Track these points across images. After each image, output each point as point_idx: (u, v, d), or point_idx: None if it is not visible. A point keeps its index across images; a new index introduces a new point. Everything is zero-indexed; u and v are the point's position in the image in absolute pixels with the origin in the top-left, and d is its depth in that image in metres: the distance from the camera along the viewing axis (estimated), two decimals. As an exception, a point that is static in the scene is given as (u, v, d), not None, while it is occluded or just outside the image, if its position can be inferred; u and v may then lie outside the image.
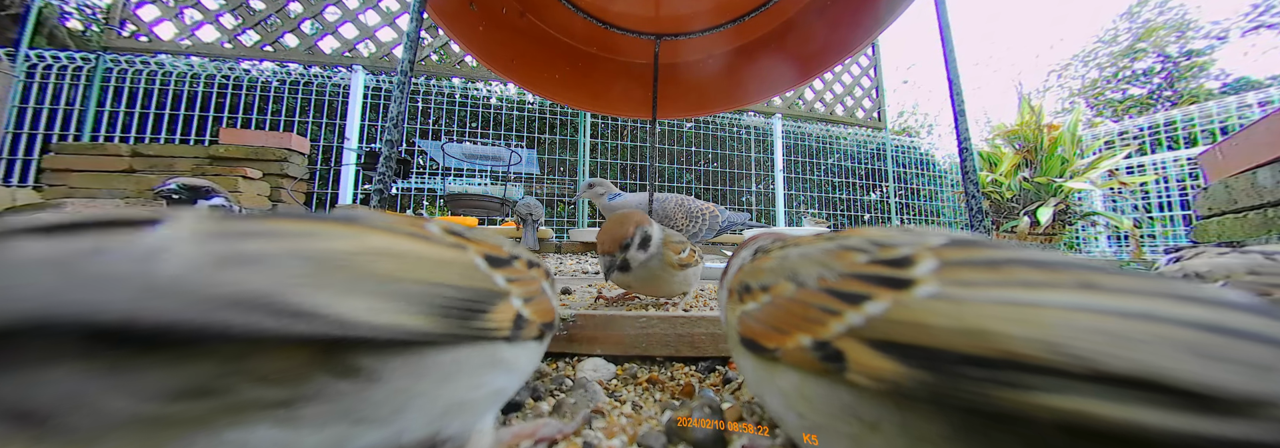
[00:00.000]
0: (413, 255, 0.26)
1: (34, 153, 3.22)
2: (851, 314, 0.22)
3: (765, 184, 4.81)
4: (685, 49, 1.78)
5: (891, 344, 0.20)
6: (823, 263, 0.27)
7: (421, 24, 1.01)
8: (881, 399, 0.20)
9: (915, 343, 0.19)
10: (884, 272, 0.23)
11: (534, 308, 0.33)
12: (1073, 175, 3.79)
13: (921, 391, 0.18)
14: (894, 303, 0.21)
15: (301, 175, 3.02)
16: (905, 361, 0.19)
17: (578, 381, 0.52)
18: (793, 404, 0.25)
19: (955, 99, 0.95)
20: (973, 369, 0.17)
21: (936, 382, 0.18)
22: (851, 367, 0.21)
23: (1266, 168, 1.39)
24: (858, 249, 0.26)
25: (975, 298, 0.19)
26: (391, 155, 0.96)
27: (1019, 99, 4.22)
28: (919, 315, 0.20)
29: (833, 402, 0.22)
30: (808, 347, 0.23)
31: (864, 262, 0.25)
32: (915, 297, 0.21)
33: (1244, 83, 7.41)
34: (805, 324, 0.24)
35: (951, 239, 0.25)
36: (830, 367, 0.22)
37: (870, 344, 0.21)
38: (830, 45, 1.51)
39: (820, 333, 0.23)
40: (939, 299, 0.20)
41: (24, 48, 3.31)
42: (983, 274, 0.20)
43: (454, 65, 4.05)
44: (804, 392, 0.24)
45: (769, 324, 0.28)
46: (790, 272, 0.29)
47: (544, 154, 4.10)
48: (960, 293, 0.20)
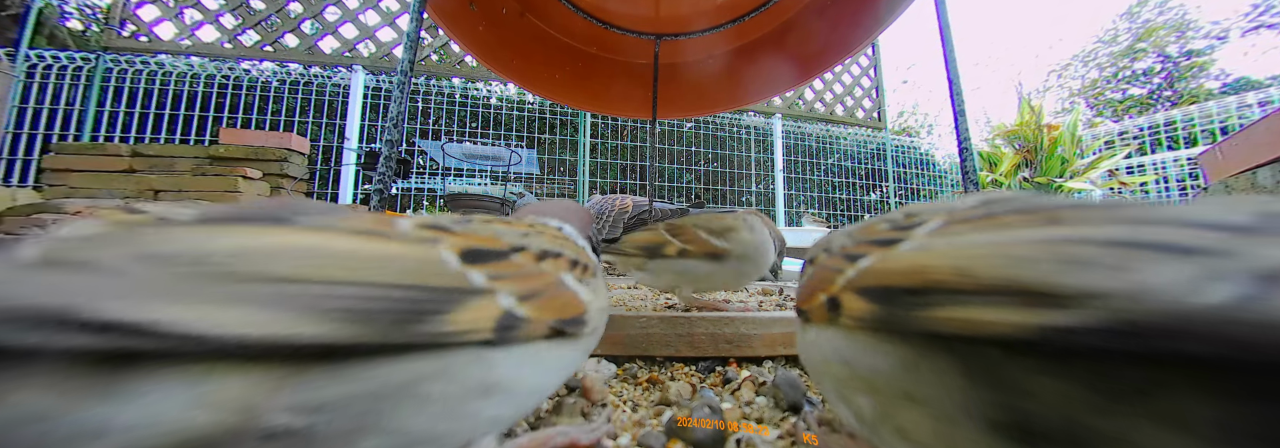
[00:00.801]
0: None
1: (34, 153, 3.22)
2: (849, 270, 0.26)
3: (765, 184, 4.81)
4: (685, 49, 1.78)
5: (866, 289, 0.24)
6: (850, 234, 0.31)
7: (421, 24, 1.01)
8: (862, 336, 0.24)
9: (878, 284, 0.23)
10: (886, 235, 0.27)
11: (538, 304, 0.29)
12: (1073, 175, 3.79)
13: (879, 322, 0.22)
14: (878, 258, 0.25)
15: (301, 175, 3.02)
16: (871, 299, 0.23)
17: (578, 381, 0.52)
18: (814, 355, 0.29)
19: (955, 99, 0.95)
20: (909, 298, 0.20)
21: (886, 313, 0.22)
22: (844, 312, 0.25)
23: (1266, 168, 1.39)
24: (888, 219, 0.30)
25: (933, 246, 0.23)
26: (391, 155, 0.96)
27: (1019, 99, 4.23)
28: (887, 264, 0.24)
29: (837, 346, 0.26)
30: (823, 303, 0.27)
31: (884, 228, 0.28)
32: (895, 251, 0.24)
33: (1244, 83, 7.40)
34: (823, 285, 0.28)
35: (984, 200, 0.27)
36: (832, 315, 0.26)
37: (856, 292, 0.24)
38: (830, 45, 1.51)
39: (831, 290, 0.27)
40: (908, 251, 0.23)
41: (24, 48, 3.31)
42: (966, 227, 0.23)
43: (454, 65, 4.05)
44: (819, 342, 0.28)
45: (805, 291, 0.31)
46: (826, 244, 0.33)
47: (544, 154, 4.10)
48: (928, 243, 0.23)
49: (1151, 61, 8.32)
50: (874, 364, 0.23)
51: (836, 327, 0.26)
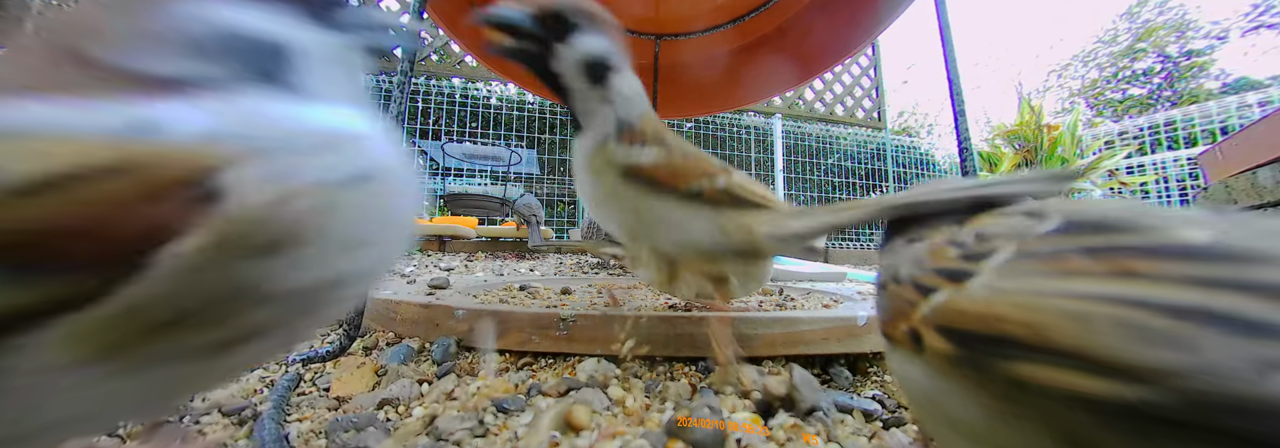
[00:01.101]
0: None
1: (34, 153, 3.22)
2: (923, 305, 0.27)
3: (765, 184, 4.81)
4: (685, 49, 1.78)
5: (943, 328, 0.25)
6: (918, 261, 0.32)
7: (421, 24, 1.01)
8: (945, 372, 0.25)
9: (954, 326, 0.24)
10: (956, 266, 0.28)
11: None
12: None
13: (960, 362, 0.23)
14: (951, 294, 0.26)
15: (301, 175, 3.02)
16: (950, 339, 0.24)
17: (578, 381, 0.52)
18: (905, 380, 0.30)
19: (955, 99, 0.95)
20: (985, 345, 0.22)
21: (966, 355, 0.23)
22: (926, 347, 0.26)
23: (1266, 168, 1.39)
24: (957, 243, 0.31)
25: (1004, 290, 0.23)
26: (391, 155, 0.96)
27: (1019, 99, 4.22)
28: (960, 305, 0.25)
29: (923, 377, 0.27)
30: (906, 333, 0.28)
31: (954, 256, 0.29)
32: (967, 289, 0.25)
33: (1244, 83, 7.41)
34: (902, 315, 0.29)
35: (1058, 227, 0.27)
36: (917, 347, 0.27)
37: (934, 329, 0.25)
38: (830, 45, 1.51)
39: (911, 321, 0.28)
40: (979, 291, 0.24)
41: (24, 48, 3.31)
42: (1034, 266, 0.24)
43: (454, 65, 4.05)
44: (908, 370, 0.29)
45: (888, 315, 0.32)
46: (894, 270, 0.33)
47: (544, 154, 4.10)
48: (998, 285, 0.24)
49: (1151, 61, 8.32)
50: (955, 400, 0.25)
51: (922, 359, 0.27)
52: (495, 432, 0.42)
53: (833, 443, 0.42)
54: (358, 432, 0.41)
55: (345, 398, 0.51)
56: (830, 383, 0.58)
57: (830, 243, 2.83)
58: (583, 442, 0.39)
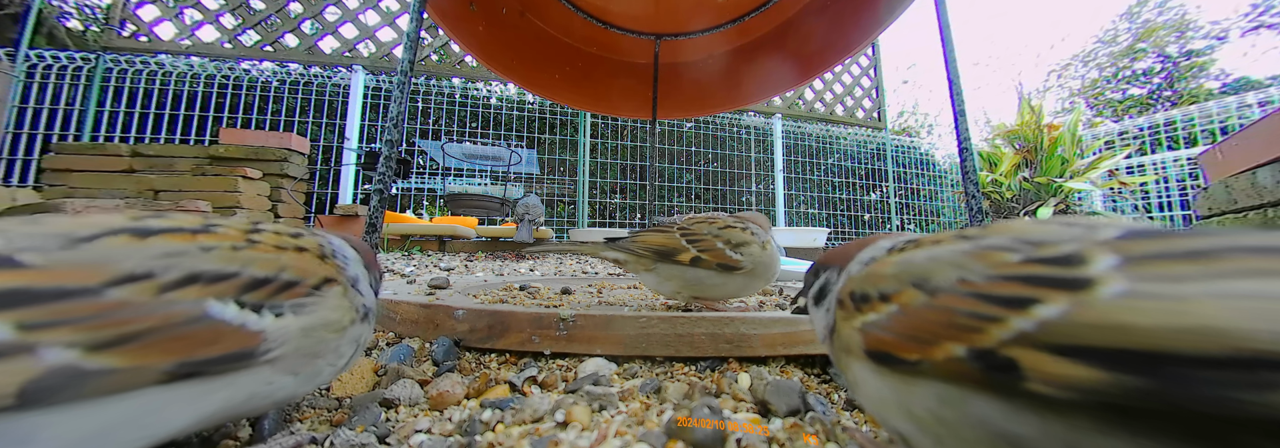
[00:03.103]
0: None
1: (34, 153, 3.22)
2: (1017, 319, 0.21)
3: (765, 184, 4.81)
4: (685, 49, 1.78)
5: (1082, 349, 0.19)
6: (960, 266, 0.26)
7: (421, 24, 1.01)
8: (1066, 410, 0.20)
9: (1117, 346, 0.18)
10: (1049, 271, 0.22)
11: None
12: (1073, 175, 3.78)
13: (1136, 397, 0.17)
14: (1075, 304, 0.20)
15: (301, 175, 3.01)
16: (1108, 366, 0.18)
17: (578, 381, 0.52)
18: (935, 421, 0.24)
19: (955, 99, 0.95)
20: (1205, 371, 0.16)
21: (1158, 387, 0.17)
22: (1030, 375, 0.20)
23: (1266, 168, 1.39)
24: (1004, 249, 0.25)
25: (1192, 293, 0.18)
26: (391, 155, 0.96)
27: (1019, 99, 4.22)
28: (1117, 316, 0.19)
29: (997, 417, 0.22)
30: (963, 357, 0.22)
31: (1017, 261, 0.24)
32: (1102, 296, 0.20)
33: (1244, 83, 7.41)
34: (956, 333, 0.23)
35: (1129, 231, 0.23)
36: (998, 378, 0.21)
37: (1052, 350, 0.20)
38: (830, 45, 1.51)
39: (979, 341, 0.22)
40: (1139, 297, 0.19)
41: (24, 48, 3.31)
42: (1188, 266, 0.19)
43: (454, 65, 4.05)
44: (954, 407, 0.23)
45: (905, 335, 0.26)
46: (918, 277, 0.27)
47: (544, 154, 4.10)
48: (1167, 289, 0.19)
49: (1151, 61, 8.32)
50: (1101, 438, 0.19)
51: (1006, 393, 0.21)
52: (496, 432, 0.42)
53: (832, 443, 0.42)
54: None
55: (345, 398, 0.51)
56: (830, 383, 0.58)
57: (830, 243, 2.83)
58: (583, 442, 0.39)
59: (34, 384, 0.23)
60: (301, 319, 0.33)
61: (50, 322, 0.24)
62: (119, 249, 0.29)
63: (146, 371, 0.26)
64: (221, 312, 0.29)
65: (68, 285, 0.25)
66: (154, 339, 0.26)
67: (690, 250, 0.70)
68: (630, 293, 1.01)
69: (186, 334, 0.27)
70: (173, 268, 0.29)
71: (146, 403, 0.27)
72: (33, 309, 0.24)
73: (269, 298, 0.31)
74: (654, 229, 0.76)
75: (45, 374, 0.23)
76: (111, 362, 0.25)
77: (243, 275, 0.31)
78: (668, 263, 0.71)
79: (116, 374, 0.25)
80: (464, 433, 0.42)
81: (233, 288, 0.30)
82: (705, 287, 0.71)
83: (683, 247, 0.70)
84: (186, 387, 0.28)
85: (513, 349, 0.61)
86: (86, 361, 0.24)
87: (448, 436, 0.42)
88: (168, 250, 0.30)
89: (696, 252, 0.70)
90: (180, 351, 0.27)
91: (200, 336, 0.28)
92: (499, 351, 0.62)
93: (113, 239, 0.29)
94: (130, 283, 0.27)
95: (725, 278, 0.71)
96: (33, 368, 0.23)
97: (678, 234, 0.72)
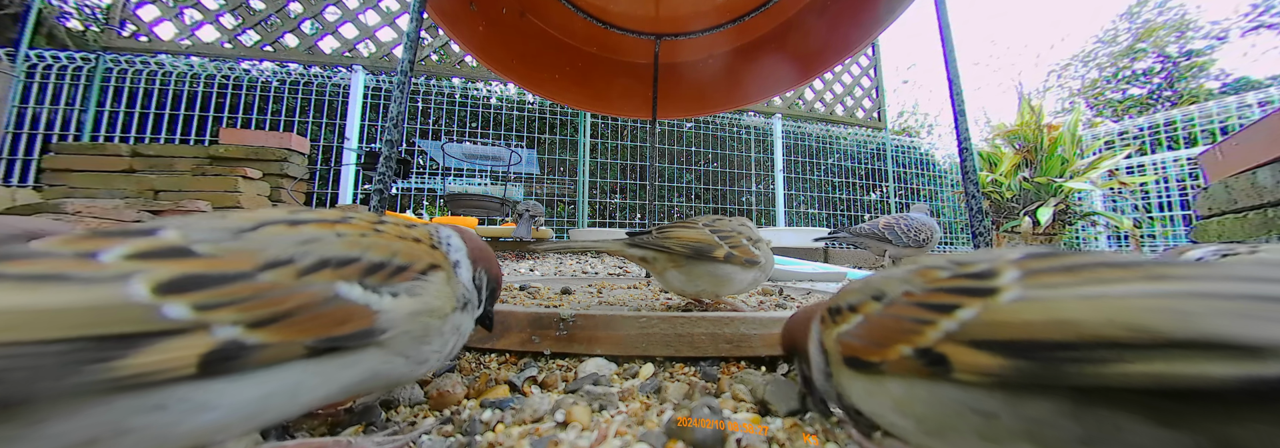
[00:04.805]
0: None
1: (34, 153, 3.22)
2: (945, 322, 0.26)
3: (765, 184, 4.81)
4: (685, 49, 1.78)
5: (989, 342, 0.23)
6: (906, 281, 0.31)
7: (421, 24, 1.01)
8: (990, 391, 0.24)
9: (1011, 338, 0.23)
10: (968, 284, 0.27)
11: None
12: (1073, 175, 3.78)
13: (1025, 377, 0.22)
14: (983, 308, 0.25)
15: (301, 175, 3.01)
16: (1005, 354, 0.22)
17: (578, 381, 0.52)
18: (907, 410, 0.28)
19: (955, 99, 0.95)
20: (1065, 353, 0.21)
21: (1037, 368, 0.21)
22: (956, 367, 0.24)
23: (1266, 168, 1.39)
24: (938, 267, 0.30)
25: (1059, 296, 0.23)
26: (391, 155, 0.96)
27: (1019, 99, 4.22)
28: (1009, 315, 0.24)
29: (946, 401, 0.26)
30: (910, 355, 0.27)
31: (946, 276, 0.29)
32: (1002, 301, 0.24)
33: (1244, 83, 7.40)
34: (904, 336, 0.27)
35: (1028, 253, 0.28)
36: (936, 370, 0.25)
37: (969, 345, 0.24)
38: (830, 45, 1.51)
39: (919, 342, 0.26)
40: (1025, 301, 0.24)
41: (24, 48, 3.31)
42: (1062, 277, 0.24)
43: (454, 65, 4.05)
44: (916, 397, 0.27)
45: (868, 340, 0.30)
46: (875, 291, 0.32)
47: (544, 154, 4.10)
48: (1044, 294, 0.24)
49: (1151, 61, 8.31)
50: (1014, 418, 0.23)
51: (943, 381, 0.25)
52: (496, 432, 0.42)
53: (832, 443, 0.42)
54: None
55: (345, 398, 0.51)
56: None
57: (830, 244, 2.83)
58: (583, 442, 0.39)
59: (210, 357, 0.26)
60: (410, 303, 0.35)
61: (218, 302, 0.27)
62: (269, 237, 0.32)
63: (293, 345, 0.29)
64: (349, 292, 0.32)
65: (229, 271, 0.29)
66: (298, 318, 0.29)
67: (722, 247, 0.70)
68: (630, 293, 1.01)
69: (323, 313, 0.30)
70: (309, 254, 0.32)
71: (294, 375, 0.30)
72: (204, 292, 0.27)
73: (385, 281, 0.34)
74: (679, 225, 0.74)
75: (217, 348, 0.26)
76: (266, 337, 0.28)
77: (363, 260, 0.34)
78: (702, 260, 0.70)
79: (269, 349, 0.28)
80: (464, 433, 0.42)
81: (356, 271, 0.33)
82: (730, 283, 0.71)
83: (716, 243, 0.70)
84: (324, 362, 0.31)
85: (513, 349, 0.61)
86: (247, 336, 0.27)
87: (448, 436, 0.42)
88: (305, 238, 0.33)
89: (728, 248, 0.70)
90: (318, 329, 0.30)
91: (334, 315, 0.31)
92: (499, 350, 0.62)
93: (269, 228, 0.32)
94: (276, 267, 0.30)
95: (745, 273, 0.71)
96: (207, 342, 0.26)
97: (707, 231, 0.72)
